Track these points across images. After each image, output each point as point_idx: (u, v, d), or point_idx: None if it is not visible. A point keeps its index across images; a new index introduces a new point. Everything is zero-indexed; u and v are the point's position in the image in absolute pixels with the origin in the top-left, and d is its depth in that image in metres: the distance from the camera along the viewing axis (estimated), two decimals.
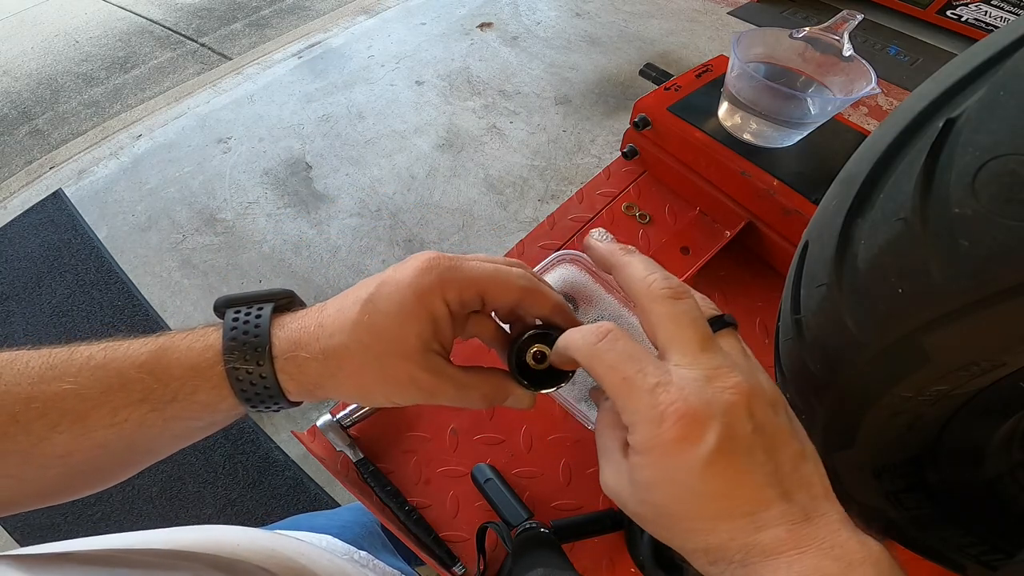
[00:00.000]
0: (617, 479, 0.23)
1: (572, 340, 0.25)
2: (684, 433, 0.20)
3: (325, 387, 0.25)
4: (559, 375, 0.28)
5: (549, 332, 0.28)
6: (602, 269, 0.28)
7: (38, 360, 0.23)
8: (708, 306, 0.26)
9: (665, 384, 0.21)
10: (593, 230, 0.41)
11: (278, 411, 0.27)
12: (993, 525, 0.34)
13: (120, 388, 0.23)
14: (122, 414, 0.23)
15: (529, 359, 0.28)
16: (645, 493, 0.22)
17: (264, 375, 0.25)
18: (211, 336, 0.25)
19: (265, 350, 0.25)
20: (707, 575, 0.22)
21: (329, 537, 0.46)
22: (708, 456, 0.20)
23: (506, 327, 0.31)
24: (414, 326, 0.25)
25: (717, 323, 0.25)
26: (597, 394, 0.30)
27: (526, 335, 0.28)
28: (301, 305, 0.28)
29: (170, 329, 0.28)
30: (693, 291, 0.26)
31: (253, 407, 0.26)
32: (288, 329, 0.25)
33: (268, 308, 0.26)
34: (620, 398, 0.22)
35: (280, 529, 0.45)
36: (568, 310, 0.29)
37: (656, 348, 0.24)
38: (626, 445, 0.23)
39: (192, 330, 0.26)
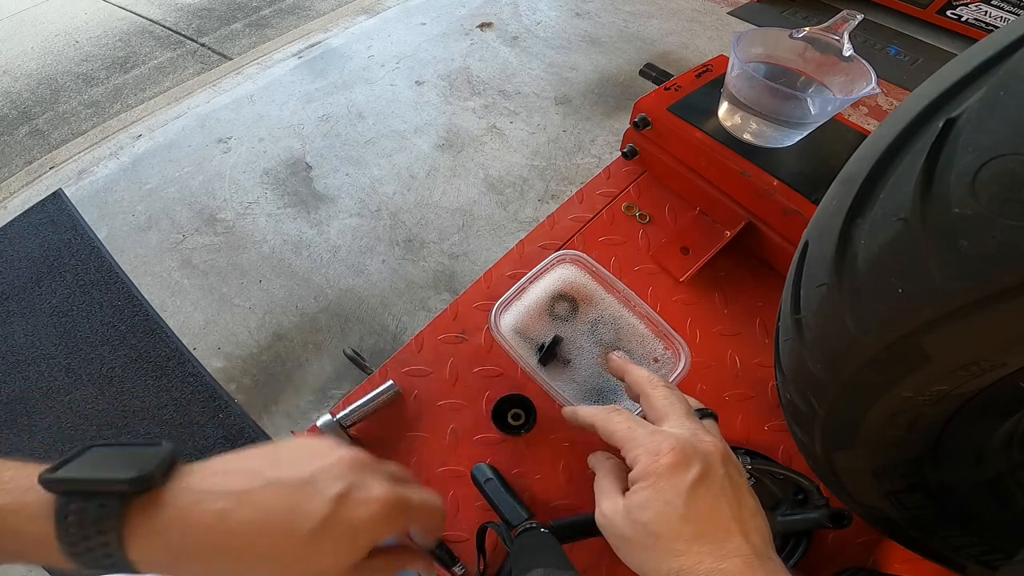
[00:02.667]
0: (613, 508, 0.30)
1: (587, 411, 0.35)
2: (675, 461, 0.28)
3: (175, 568, 0.24)
4: (522, 428, 0.46)
5: (519, 397, 0.44)
6: (615, 372, 0.39)
7: None
8: (695, 403, 0.35)
9: (661, 432, 0.30)
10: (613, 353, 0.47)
11: None
12: (993, 525, 0.34)
13: None
14: None
15: (509, 419, 0.44)
16: (638, 513, 0.28)
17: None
18: (44, 526, 0.22)
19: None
20: None
21: None
22: (692, 482, 0.27)
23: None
24: (342, 561, 0.26)
25: (701, 412, 0.34)
26: (596, 459, 0.37)
27: (502, 399, 0.45)
28: (166, 466, 0.25)
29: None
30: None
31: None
32: (153, 539, 0.22)
33: (114, 511, 0.22)
34: (627, 441, 0.30)
35: None
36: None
37: (653, 422, 0.32)
38: (624, 489, 0.31)
39: (22, 502, 0.22)
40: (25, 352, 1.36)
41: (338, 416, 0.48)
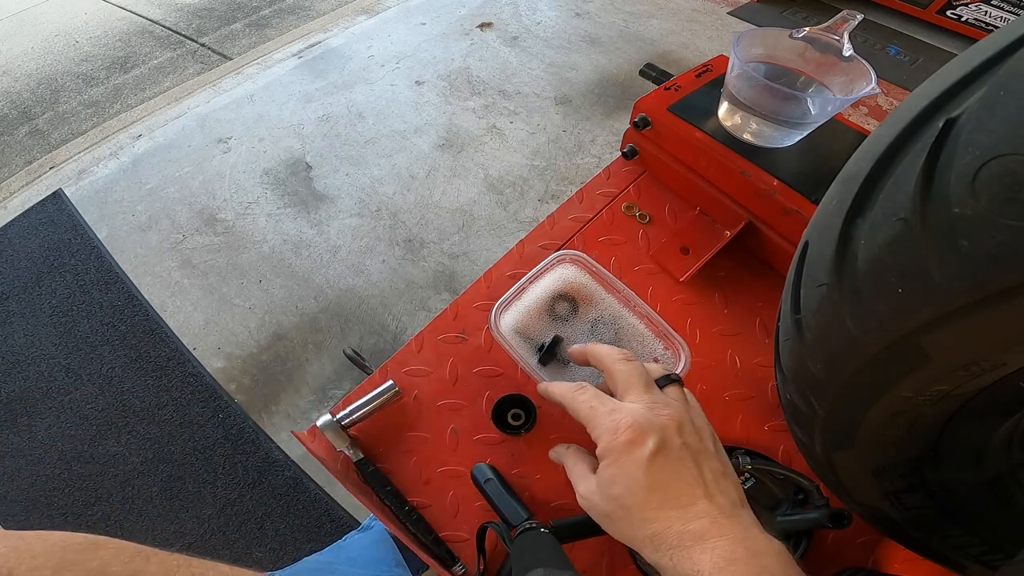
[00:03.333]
0: (588, 488, 0.32)
1: (557, 388, 0.36)
2: (632, 438, 0.30)
3: None
4: (522, 428, 0.45)
5: (519, 397, 0.43)
6: (578, 359, 0.39)
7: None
8: (660, 369, 0.37)
9: (619, 409, 0.32)
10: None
11: None
12: (993, 525, 0.34)
13: None
14: None
15: (509, 419, 0.44)
16: (609, 489, 0.30)
17: None
18: None
19: None
20: (652, 561, 0.29)
21: None
22: (649, 455, 0.29)
23: None
24: None
25: (665, 380, 0.35)
26: (557, 453, 0.39)
27: (502, 399, 0.44)
28: None
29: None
30: (650, 362, 0.39)
31: None
32: None
33: None
34: (589, 420, 0.32)
35: None
36: None
37: (616, 396, 0.34)
38: (594, 468, 0.33)
39: None
40: (25, 352, 1.36)
41: (338, 416, 0.48)
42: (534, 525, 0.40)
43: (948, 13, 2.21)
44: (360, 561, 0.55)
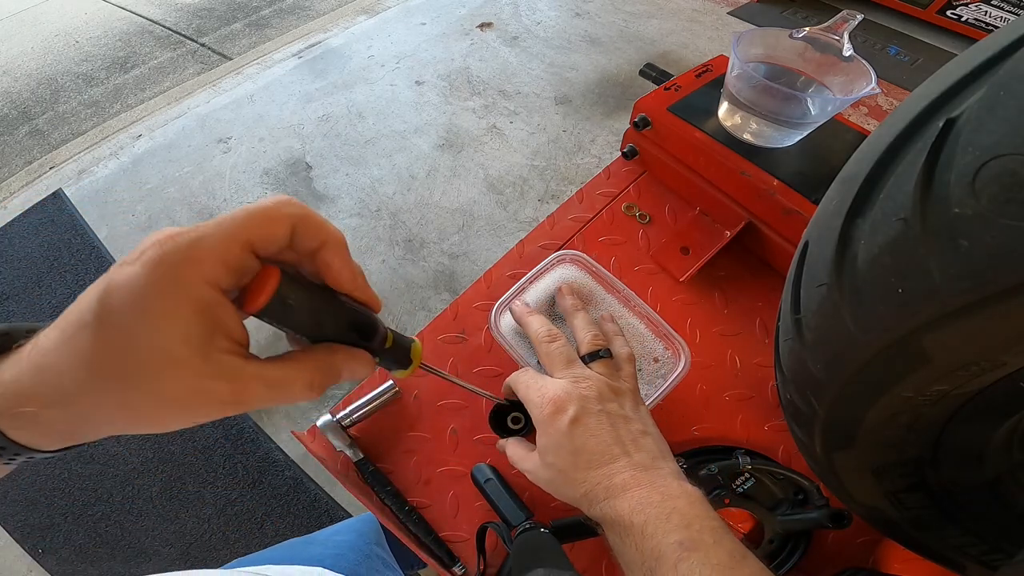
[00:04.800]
0: (532, 462, 0.37)
1: (511, 377, 0.41)
2: (554, 409, 0.35)
3: (88, 432, 0.21)
4: (522, 430, 0.43)
5: (516, 403, 0.41)
6: (515, 318, 0.45)
7: None
8: (592, 342, 0.41)
9: (546, 385, 0.37)
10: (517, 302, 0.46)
11: (52, 455, 0.22)
12: (993, 525, 0.34)
13: None
14: None
15: (510, 423, 0.43)
16: (544, 456, 0.35)
17: None
18: None
19: None
20: (593, 516, 0.33)
21: (320, 570, 0.45)
22: (569, 421, 0.34)
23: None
24: (175, 329, 0.18)
25: (591, 356, 0.40)
26: (499, 445, 0.44)
27: (502, 404, 0.43)
28: (23, 337, 0.21)
29: None
30: (583, 329, 0.42)
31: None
32: (2, 381, 0.19)
33: None
34: (525, 398, 0.38)
35: (270, 561, 0.44)
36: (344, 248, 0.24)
37: (547, 373, 0.39)
38: (533, 448, 0.37)
39: None
40: None
41: (338, 416, 0.48)
42: (534, 525, 0.40)
43: (948, 13, 2.21)
44: (342, 531, 0.55)
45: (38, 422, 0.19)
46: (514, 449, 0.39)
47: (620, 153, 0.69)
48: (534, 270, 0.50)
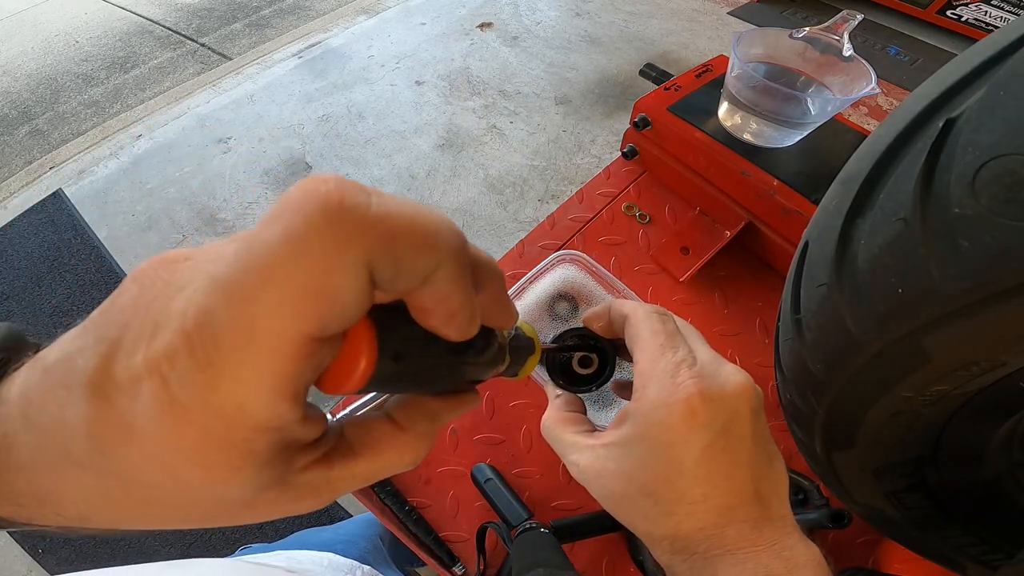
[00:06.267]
0: (594, 461, 0.24)
1: (633, 307, 0.26)
2: (693, 409, 0.21)
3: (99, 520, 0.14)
4: (589, 379, 0.29)
5: (585, 334, 0.29)
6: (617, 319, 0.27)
7: None
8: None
9: (687, 360, 0.23)
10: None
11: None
12: (993, 525, 0.34)
13: None
14: None
15: (576, 366, 0.29)
16: (634, 470, 0.22)
17: None
18: None
19: None
20: (664, 563, 0.23)
21: (331, 555, 0.45)
22: (711, 438, 0.21)
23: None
24: (239, 489, 0.13)
25: None
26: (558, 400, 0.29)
27: (565, 334, 0.29)
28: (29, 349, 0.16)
29: None
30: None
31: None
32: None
33: None
34: (648, 359, 0.23)
35: (282, 548, 0.45)
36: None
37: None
38: (590, 432, 0.25)
39: None
40: None
41: (338, 416, 0.48)
42: (534, 525, 0.40)
43: (948, 13, 2.21)
44: (353, 520, 0.55)
45: (31, 518, 0.15)
46: (563, 428, 0.26)
47: (620, 153, 0.69)
48: (534, 270, 0.50)
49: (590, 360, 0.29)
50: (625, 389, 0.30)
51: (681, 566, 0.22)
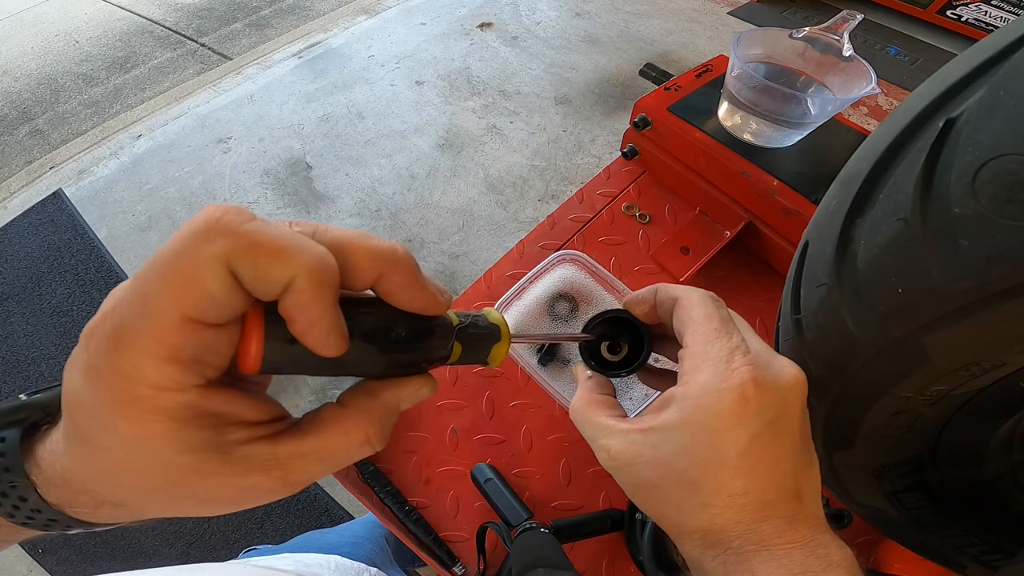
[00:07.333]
0: (628, 447, 0.22)
1: (686, 290, 0.25)
2: (745, 396, 0.20)
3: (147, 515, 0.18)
4: (619, 365, 0.28)
5: (623, 317, 0.28)
6: (662, 303, 0.27)
7: None
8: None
9: (741, 347, 0.22)
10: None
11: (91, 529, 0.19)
12: (993, 525, 0.34)
13: None
14: None
15: (605, 352, 0.28)
16: (673, 459, 0.21)
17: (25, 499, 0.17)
18: None
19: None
20: (693, 559, 0.22)
21: (338, 558, 0.45)
22: (759, 429, 0.20)
23: None
24: (164, 450, 0.15)
25: None
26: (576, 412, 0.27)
27: (600, 318, 0.28)
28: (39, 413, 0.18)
29: None
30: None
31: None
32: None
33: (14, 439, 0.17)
34: (701, 342, 0.22)
35: (289, 551, 0.45)
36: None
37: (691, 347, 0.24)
38: (623, 417, 0.24)
39: None
40: (25, 352, 1.36)
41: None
42: (534, 525, 0.40)
43: (948, 13, 2.21)
44: (359, 522, 0.55)
45: (97, 516, 0.18)
46: (595, 411, 0.25)
47: (620, 153, 0.69)
48: (534, 270, 0.50)
49: (619, 346, 0.28)
50: (655, 378, 0.29)
51: (712, 562, 0.21)
